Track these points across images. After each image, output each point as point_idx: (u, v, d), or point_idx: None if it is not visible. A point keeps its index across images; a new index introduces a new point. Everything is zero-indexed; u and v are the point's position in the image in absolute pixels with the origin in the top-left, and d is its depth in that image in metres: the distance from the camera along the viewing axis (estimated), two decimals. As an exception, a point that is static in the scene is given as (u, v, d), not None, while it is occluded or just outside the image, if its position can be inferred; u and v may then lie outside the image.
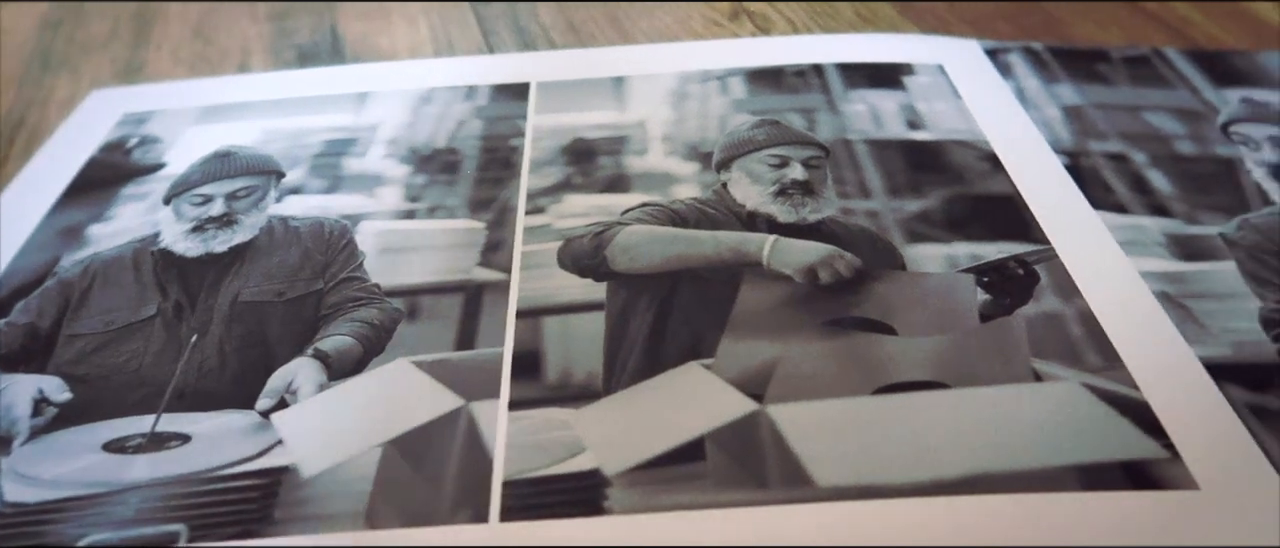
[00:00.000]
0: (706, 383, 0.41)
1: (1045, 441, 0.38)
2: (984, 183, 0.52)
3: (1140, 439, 0.38)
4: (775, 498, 0.36)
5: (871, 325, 0.44)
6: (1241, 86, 0.62)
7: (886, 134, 0.56)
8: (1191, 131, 0.58)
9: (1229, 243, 0.49)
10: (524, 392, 0.41)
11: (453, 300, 0.46)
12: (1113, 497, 0.36)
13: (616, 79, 0.63)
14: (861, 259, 0.47)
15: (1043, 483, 0.36)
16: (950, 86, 0.60)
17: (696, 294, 0.46)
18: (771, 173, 0.52)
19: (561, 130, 0.58)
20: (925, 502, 0.36)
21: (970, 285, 0.45)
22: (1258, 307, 0.45)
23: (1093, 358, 0.42)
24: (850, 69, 0.62)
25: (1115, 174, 0.54)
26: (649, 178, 0.54)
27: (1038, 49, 0.65)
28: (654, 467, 0.38)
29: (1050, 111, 0.59)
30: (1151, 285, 0.46)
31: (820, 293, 0.45)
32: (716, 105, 0.59)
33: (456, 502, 0.37)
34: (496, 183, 0.54)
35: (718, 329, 0.43)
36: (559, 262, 0.48)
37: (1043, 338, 0.43)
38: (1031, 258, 0.47)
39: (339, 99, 0.63)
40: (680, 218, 0.50)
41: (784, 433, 0.38)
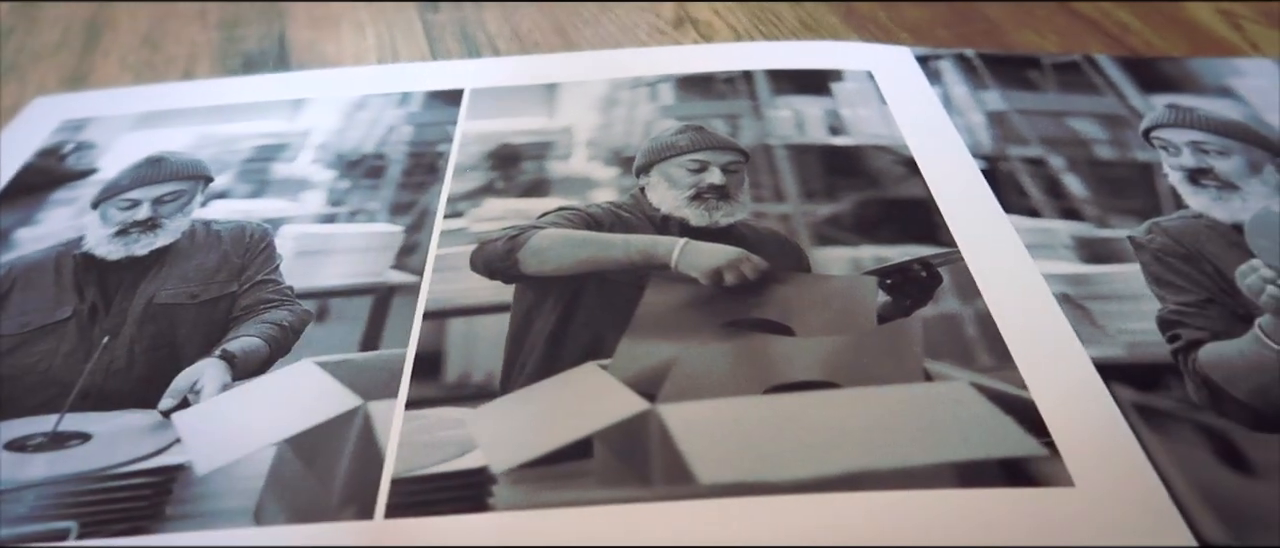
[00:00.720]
0: (601, 383, 0.42)
1: (927, 439, 0.38)
2: (898, 187, 0.53)
3: (1021, 437, 0.39)
4: (656, 495, 0.37)
5: (770, 326, 0.44)
6: (1169, 93, 0.63)
7: (807, 139, 0.57)
8: (1113, 137, 0.58)
9: (1136, 246, 0.50)
10: (422, 391, 0.42)
11: (363, 302, 0.47)
12: (988, 494, 0.37)
13: (549, 86, 0.64)
14: (768, 262, 0.47)
15: (921, 480, 0.37)
16: (877, 93, 0.61)
17: (602, 296, 0.47)
18: (690, 177, 0.53)
19: (489, 136, 0.59)
20: (804, 499, 0.36)
21: (872, 287, 0.46)
22: (1157, 309, 0.46)
23: (985, 358, 0.43)
24: (780, 75, 0.63)
25: (1031, 178, 0.54)
26: (569, 182, 0.55)
27: (969, 56, 0.66)
28: (541, 465, 0.38)
29: (974, 117, 0.60)
30: (1053, 287, 0.47)
31: (724, 295, 0.46)
32: (644, 111, 0.60)
33: (344, 499, 0.38)
34: (419, 187, 0.55)
35: (619, 330, 0.44)
36: (471, 265, 0.49)
37: (938, 339, 0.43)
38: (936, 260, 0.48)
39: (275, 105, 0.64)
40: (595, 221, 0.51)
41: (672, 432, 0.39)
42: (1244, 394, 0.41)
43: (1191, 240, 0.50)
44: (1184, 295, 0.47)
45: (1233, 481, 0.38)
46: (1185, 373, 0.43)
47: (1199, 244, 0.50)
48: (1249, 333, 0.44)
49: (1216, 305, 0.46)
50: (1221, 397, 0.41)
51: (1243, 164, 0.55)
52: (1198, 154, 0.55)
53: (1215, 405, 0.41)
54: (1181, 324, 0.45)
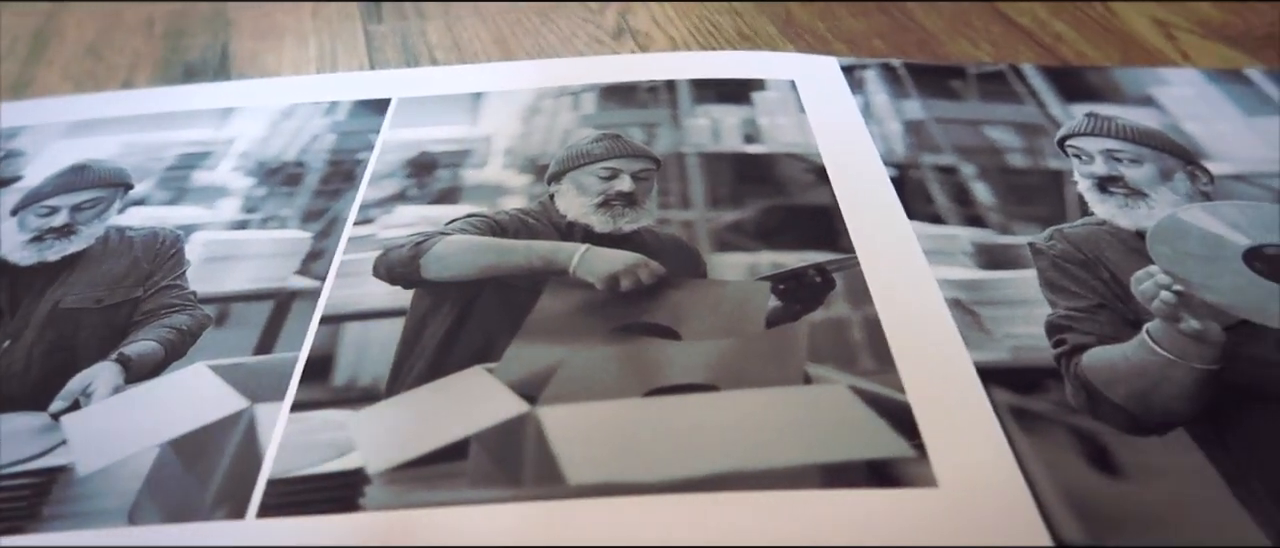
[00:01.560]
0: (485, 386, 0.42)
1: (798, 440, 0.39)
2: (805, 194, 0.54)
3: (892, 439, 0.39)
4: (525, 496, 0.38)
5: (658, 331, 0.45)
6: (1091, 102, 0.64)
7: (721, 147, 0.58)
8: (1027, 145, 0.59)
9: (1036, 252, 0.50)
10: (310, 394, 0.43)
11: (263, 307, 0.48)
12: (850, 494, 0.37)
13: (476, 95, 0.65)
14: (666, 268, 0.48)
15: (786, 481, 0.38)
16: (797, 102, 0.62)
17: (498, 301, 0.47)
18: (600, 184, 0.54)
19: (409, 144, 0.60)
20: (669, 499, 0.37)
21: (764, 292, 0.47)
22: (1047, 313, 0.46)
23: (867, 362, 0.43)
24: (703, 85, 0.64)
25: (940, 186, 0.55)
26: (481, 190, 0.55)
27: (895, 65, 0.67)
28: (417, 466, 0.39)
29: (892, 126, 0.61)
30: (946, 293, 0.47)
31: (618, 300, 0.47)
32: (564, 120, 0.61)
33: (218, 499, 0.38)
34: (334, 195, 0.56)
35: (510, 334, 0.45)
36: (374, 271, 0.50)
37: (824, 343, 0.44)
38: (831, 266, 0.49)
39: (205, 114, 0.65)
40: (500, 228, 0.52)
41: (548, 434, 0.40)
42: (1121, 398, 0.42)
43: (1092, 247, 0.51)
44: (1076, 301, 0.47)
45: (1099, 482, 0.38)
46: (1066, 377, 0.43)
47: (1099, 251, 0.51)
48: (1136, 338, 0.44)
49: (1107, 311, 0.47)
50: (1099, 400, 0.42)
51: (1154, 172, 0.56)
52: (1110, 162, 0.56)
53: (1092, 409, 0.42)
54: (1069, 329, 0.46)
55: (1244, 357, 0.44)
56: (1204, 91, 0.66)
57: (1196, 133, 0.61)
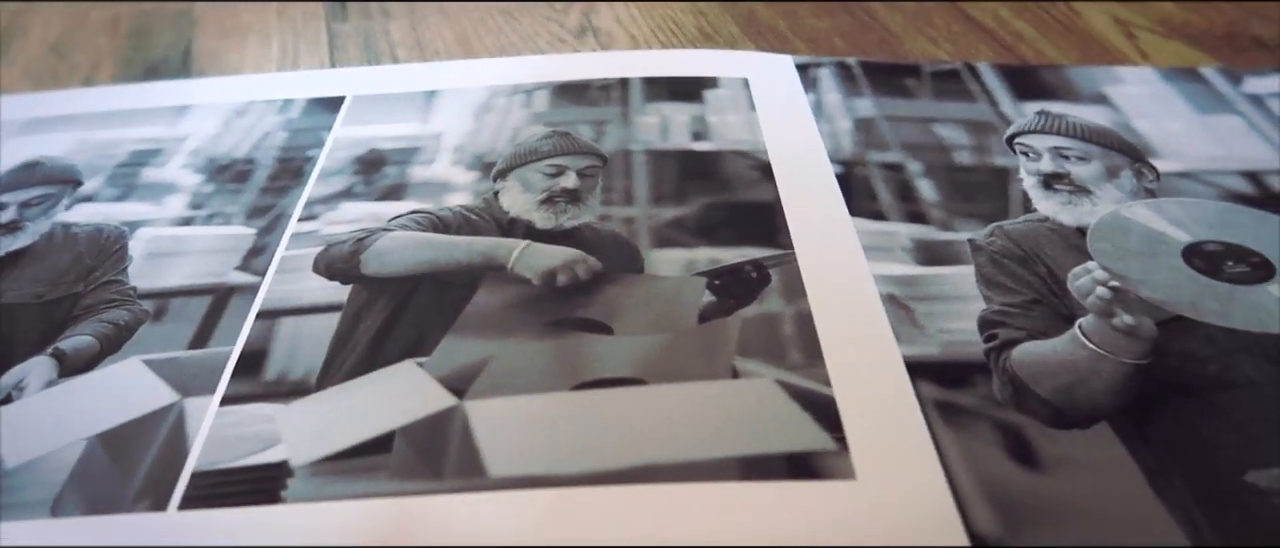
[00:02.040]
0: (414, 380, 0.43)
1: (720, 433, 0.39)
2: (749, 191, 0.54)
3: (814, 432, 0.40)
4: (444, 488, 0.38)
5: (591, 326, 0.45)
6: (1044, 100, 0.64)
7: (669, 145, 0.58)
8: (976, 143, 0.60)
9: (975, 248, 0.51)
10: (240, 388, 0.43)
11: (201, 302, 0.48)
12: (768, 486, 0.38)
13: (430, 93, 0.65)
14: (604, 263, 0.49)
15: (705, 474, 0.38)
16: (748, 100, 0.63)
17: (435, 296, 0.48)
18: (545, 181, 0.55)
19: (360, 141, 0.61)
20: (588, 491, 0.38)
21: (698, 288, 0.47)
22: (981, 309, 0.47)
23: (796, 356, 0.44)
24: (656, 83, 0.65)
25: (885, 183, 0.56)
26: (427, 186, 0.56)
27: (850, 64, 0.68)
28: (341, 458, 0.40)
29: (842, 123, 0.61)
30: (882, 288, 0.48)
31: (554, 295, 0.47)
32: (515, 118, 0.62)
33: (141, 492, 0.39)
34: (281, 191, 0.56)
35: (443, 329, 0.45)
36: (314, 266, 0.50)
37: (755, 337, 0.45)
38: (768, 262, 0.49)
39: (159, 112, 0.66)
40: (443, 224, 0.52)
41: (473, 427, 0.40)
42: (1048, 392, 0.43)
43: (1031, 243, 0.51)
44: (1011, 297, 0.48)
45: (1018, 475, 0.39)
46: (995, 371, 0.44)
47: (1038, 247, 0.51)
48: (1068, 333, 0.45)
49: (1042, 306, 0.47)
50: (1025, 394, 0.43)
51: (1100, 169, 0.56)
52: (1057, 159, 0.57)
53: (1017, 403, 0.42)
54: (1002, 324, 0.46)
55: (1174, 352, 0.45)
56: (1158, 90, 0.66)
57: (1147, 131, 0.61)
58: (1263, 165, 0.58)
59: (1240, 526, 0.37)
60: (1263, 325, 0.46)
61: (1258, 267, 0.50)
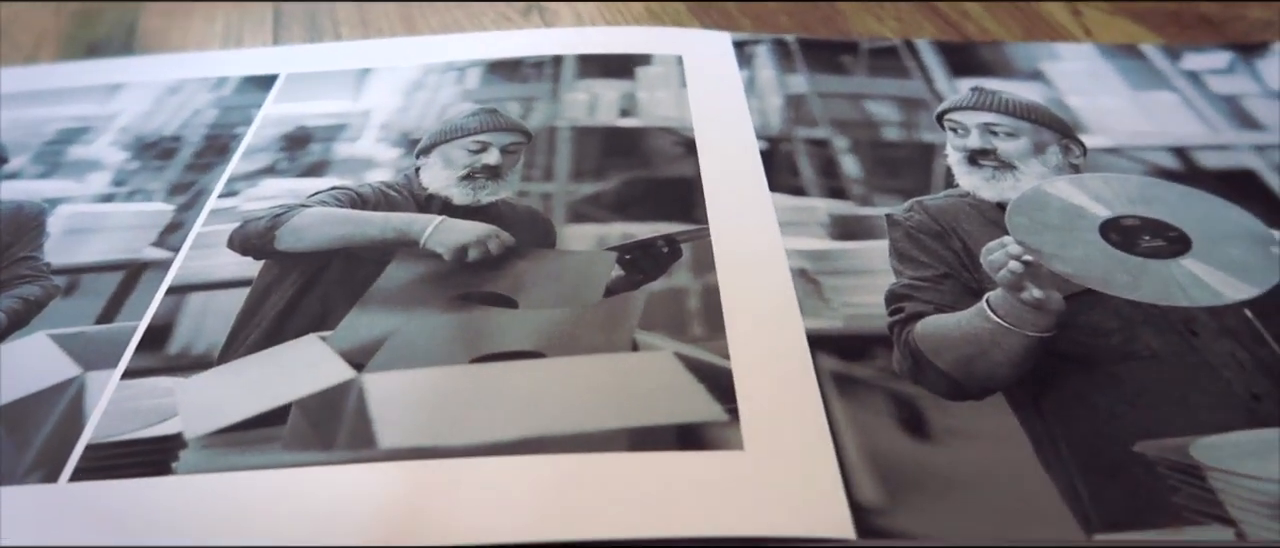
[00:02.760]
0: (315, 353, 0.43)
1: (613, 405, 0.40)
2: (671, 167, 0.55)
3: (707, 404, 0.40)
4: (334, 460, 0.38)
5: (496, 299, 0.46)
6: (980, 76, 0.64)
7: (595, 121, 0.59)
8: (905, 119, 0.60)
9: (892, 223, 0.51)
10: (143, 362, 0.44)
11: (113, 278, 0.49)
12: (655, 457, 0.38)
13: (363, 71, 0.65)
14: (516, 238, 0.49)
15: (594, 445, 0.38)
16: (680, 77, 0.63)
17: (346, 271, 0.48)
18: (468, 157, 0.55)
19: (288, 119, 0.61)
20: (476, 462, 0.38)
21: (608, 262, 0.48)
22: (889, 283, 0.47)
23: (698, 329, 0.44)
24: (589, 60, 0.65)
25: (809, 158, 0.56)
26: (350, 163, 0.56)
27: (788, 41, 0.68)
28: (235, 431, 0.40)
29: (772, 100, 0.61)
30: (793, 263, 0.48)
31: (464, 270, 0.48)
32: (445, 95, 0.62)
33: (34, 464, 0.39)
34: (204, 168, 0.57)
35: (350, 304, 0.46)
36: (229, 242, 0.50)
37: (659, 311, 0.45)
38: (681, 237, 0.49)
39: (92, 90, 0.66)
40: (362, 200, 0.53)
41: (368, 399, 0.41)
42: (947, 364, 0.43)
43: (949, 218, 0.52)
44: (922, 271, 0.48)
45: (907, 446, 0.39)
46: (896, 344, 0.44)
47: (956, 222, 0.51)
48: (975, 307, 0.45)
49: (952, 280, 0.48)
50: (924, 366, 0.43)
51: (1027, 145, 0.56)
52: (986, 135, 0.57)
53: (915, 375, 0.43)
54: (909, 298, 0.46)
55: (1079, 324, 0.45)
56: (1096, 67, 0.66)
57: (1079, 107, 0.62)
58: (1192, 141, 0.59)
59: (1123, 495, 0.37)
60: (1171, 298, 0.46)
61: (1174, 241, 0.50)
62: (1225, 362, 0.44)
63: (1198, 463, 0.39)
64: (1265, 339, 0.45)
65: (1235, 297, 0.47)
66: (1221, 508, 0.37)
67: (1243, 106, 0.62)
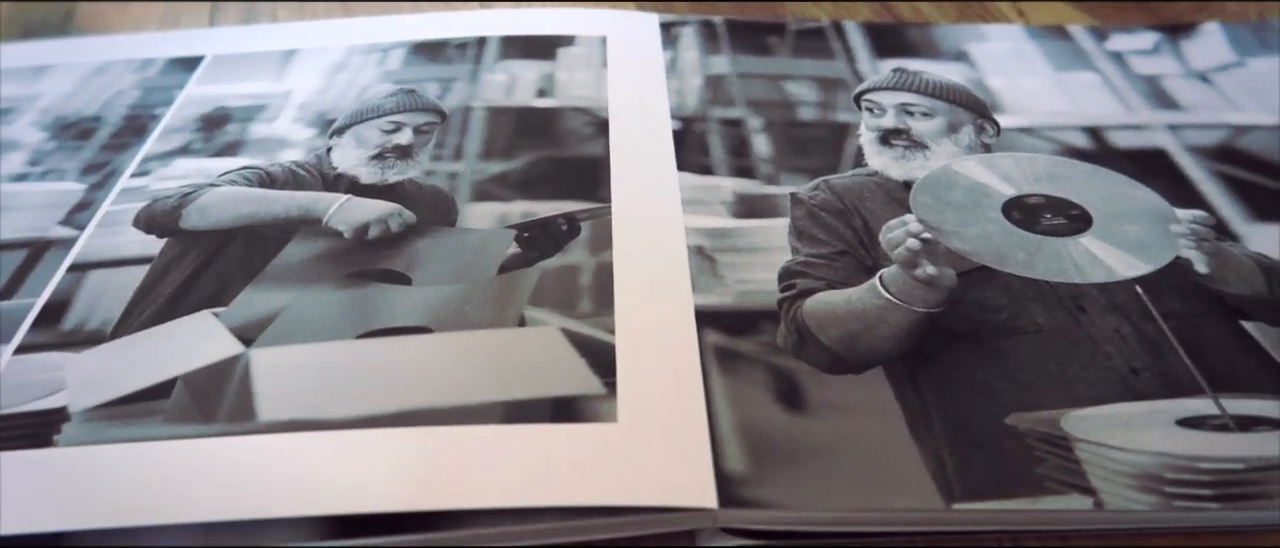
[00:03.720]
0: (206, 329, 0.44)
1: (493, 379, 0.41)
2: (581, 147, 0.55)
3: (586, 378, 0.41)
4: (213, 432, 0.39)
5: (391, 276, 0.47)
6: (903, 57, 0.65)
7: (511, 102, 0.59)
8: (823, 99, 0.61)
9: (795, 201, 0.52)
10: (37, 338, 0.45)
11: (16, 256, 0.49)
12: (527, 429, 0.39)
13: (288, 52, 0.66)
14: (419, 217, 0.50)
15: (471, 417, 0.39)
16: (602, 58, 0.63)
17: (247, 249, 0.49)
18: (380, 137, 0.56)
19: (209, 100, 0.61)
20: (352, 434, 0.39)
21: (505, 240, 0.48)
22: (785, 260, 0.48)
23: (587, 305, 0.45)
24: (512, 41, 0.65)
25: (721, 138, 0.57)
26: (264, 143, 0.57)
27: (715, 22, 0.69)
28: (119, 405, 0.41)
29: (692, 81, 0.62)
30: (692, 240, 0.49)
31: (363, 247, 0.48)
32: (366, 76, 0.62)
33: (-84, 437, 0.40)
34: (120, 148, 0.57)
35: (247, 281, 0.46)
36: (135, 220, 0.51)
37: (552, 287, 0.46)
38: (581, 215, 0.50)
39: (19, 72, 0.66)
40: (270, 179, 0.53)
41: (253, 374, 0.41)
42: (831, 339, 0.44)
43: (853, 197, 0.52)
44: (819, 248, 0.49)
45: (781, 418, 0.40)
46: (784, 319, 0.45)
47: (859, 200, 0.52)
48: (867, 283, 0.46)
49: (848, 258, 0.48)
50: (808, 342, 0.44)
51: (942, 125, 0.57)
52: (901, 115, 0.57)
53: (798, 350, 0.43)
54: (803, 274, 0.47)
55: (968, 300, 0.46)
56: (1021, 47, 0.67)
57: (999, 87, 0.62)
58: (1106, 121, 0.59)
59: (988, 465, 0.38)
60: (1065, 275, 0.47)
61: (1075, 219, 0.51)
62: (1109, 337, 0.44)
63: (1067, 435, 0.39)
64: (1152, 314, 0.45)
65: (1128, 274, 0.47)
66: (1084, 478, 0.38)
67: (1162, 87, 0.62)
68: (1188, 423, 0.40)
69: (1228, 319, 0.46)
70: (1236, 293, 0.47)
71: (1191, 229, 0.49)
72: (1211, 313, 0.46)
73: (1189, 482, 0.38)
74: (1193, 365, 0.43)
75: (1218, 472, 0.38)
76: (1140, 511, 0.37)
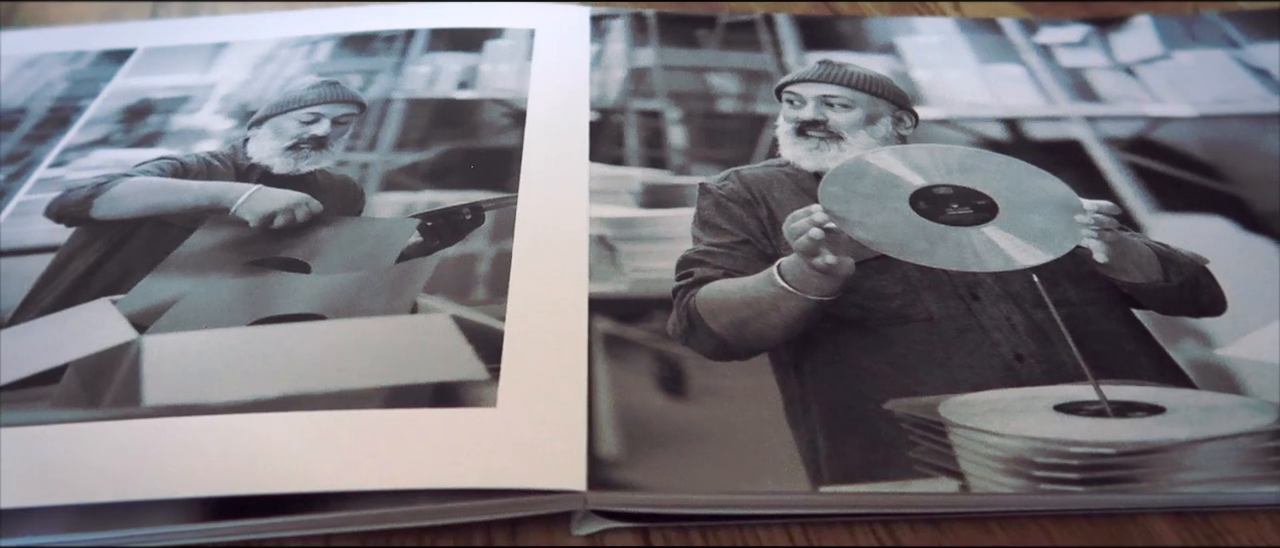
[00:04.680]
0: (102, 316, 0.45)
1: (378, 365, 0.41)
2: (495, 138, 0.56)
3: (471, 363, 0.42)
4: (97, 417, 0.40)
5: (291, 265, 0.47)
6: (832, 50, 0.65)
7: (432, 94, 0.60)
8: (744, 92, 0.61)
9: (704, 191, 0.52)
10: (-66, 326, 0.45)
11: (-74, 246, 0.50)
12: (407, 413, 0.39)
13: (218, 45, 0.67)
14: (326, 206, 0.51)
15: (352, 402, 0.40)
16: (528, 50, 0.64)
17: (153, 237, 0.50)
18: (299, 128, 0.56)
19: (135, 92, 0.62)
20: (233, 418, 0.39)
21: (407, 229, 0.49)
22: (686, 248, 0.49)
23: (481, 293, 0.45)
24: (441, 34, 0.66)
25: (637, 130, 0.57)
26: (183, 135, 0.58)
27: (647, 15, 0.69)
28: (7, 390, 0.41)
29: (616, 73, 0.62)
30: (595, 230, 0.50)
31: (267, 236, 0.49)
32: (292, 68, 0.63)
33: None
34: (41, 139, 0.58)
35: (149, 269, 0.47)
36: (46, 210, 0.52)
37: (447, 276, 0.46)
38: (487, 205, 0.51)
39: (-50, 65, 0.67)
40: (185, 170, 0.54)
41: (143, 359, 0.42)
42: (720, 326, 0.44)
43: (762, 187, 0.53)
44: (721, 237, 0.50)
45: (661, 403, 0.41)
46: (676, 307, 0.45)
47: (768, 190, 0.53)
48: (764, 272, 0.47)
49: (749, 247, 0.49)
50: (697, 329, 0.44)
51: (860, 116, 0.58)
52: (821, 107, 0.58)
53: (686, 337, 0.44)
54: (702, 263, 0.48)
55: (863, 289, 0.46)
56: (950, 40, 0.67)
57: (923, 79, 0.63)
58: (1025, 112, 0.60)
59: (860, 450, 0.39)
60: (964, 264, 0.48)
61: (981, 209, 0.51)
62: (998, 324, 0.45)
63: (943, 420, 0.40)
64: (1045, 303, 0.46)
65: (1026, 262, 0.48)
66: (954, 463, 0.38)
67: (1085, 79, 0.63)
68: (1065, 409, 0.41)
69: (1120, 307, 0.46)
70: (1132, 281, 0.47)
71: (1095, 219, 0.50)
72: (1104, 301, 0.46)
73: (1058, 466, 0.38)
74: (1078, 352, 0.44)
75: (1088, 456, 0.39)
76: (1005, 494, 0.38)
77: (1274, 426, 0.40)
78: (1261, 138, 0.58)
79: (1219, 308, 0.46)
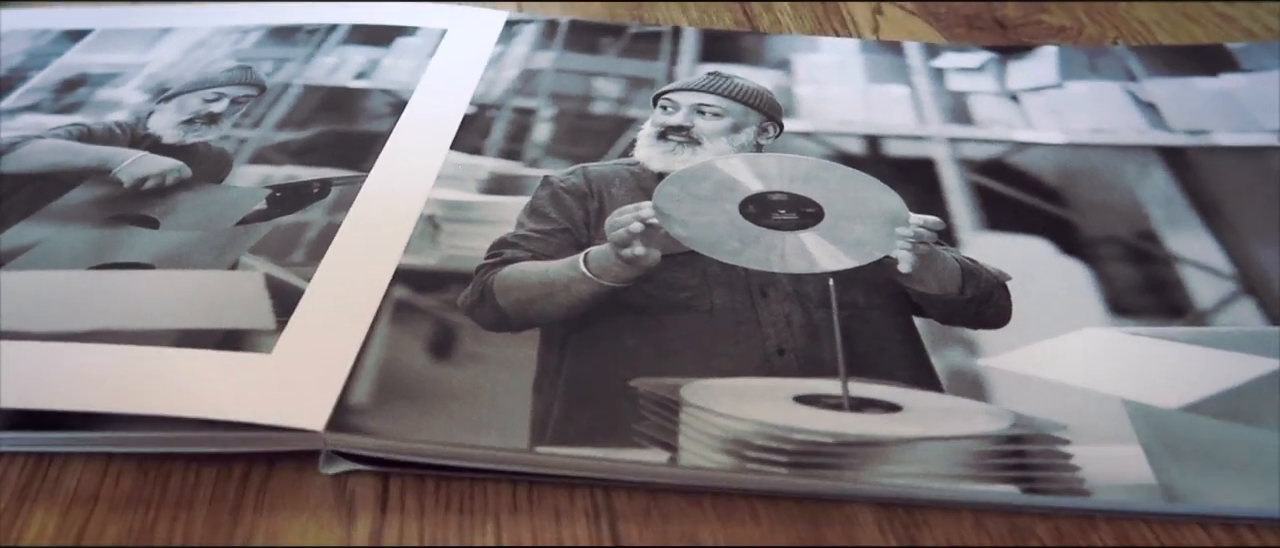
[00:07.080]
0: (-32, 254, 0.51)
1: (181, 310, 0.47)
2: (371, 124, 0.61)
3: (263, 315, 0.46)
4: (-68, 336, 0.46)
5: (143, 221, 0.53)
6: (725, 63, 0.69)
7: (329, 82, 0.66)
8: (623, 96, 0.65)
9: (545, 183, 0.56)
10: None
11: None
12: (188, 353, 0.44)
13: (163, 30, 0.74)
14: (195, 175, 0.56)
15: (146, 339, 0.45)
16: (433, 48, 0.69)
17: (37, 191, 0.56)
18: (200, 105, 0.62)
19: (77, 67, 0.69)
20: (47, 345, 0.45)
21: (255, 197, 0.54)
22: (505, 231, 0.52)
23: (298, 257, 0.50)
24: (359, 29, 0.72)
25: (506, 125, 0.62)
26: (101, 105, 0.64)
27: (560, 22, 0.74)
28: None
29: (508, 73, 0.67)
30: (428, 210, 0.54)
31: (136, 197, 0.55)
32: (219, 53, 0.70)
33: None
34: (-18, 103, 0.66)
35: (22, 219, 0.53)
36: (-42, 170, 0.59)
37: (275, 240, 0.51)
38: (337, 181, 0.55)
39: (-69, 38, 0.76)
40: (91, 134, 0.61)
41: (-7, 291, 0.48)
42: (507, 303, 0.48)
43: (602, 182, 0.56)
44: (543, 224, 0.53)
45: (423, 364, 0.45)
46: (474, 281, 0.49)
47: (607, 186, 0.56)
48: (570, 259, 0.50)
49: (566, 236, 0.53)
50: (485, 303, 0.48)
51: (726, 125, 0.61)
52: (692, 114, 0.61)
53: (472, 309, 0.48)
54: (514, 246, 0.52)
55: (656, 280, 0.49)
56: (848, 60, 0.70)
57: (803, 95, 0.66)
58: (891, 131, 0.62)
59: (590, 420, 0.42)
60: (767, 264, 0.51)
61: (807, 216, 0.54)
62: (775, 320, 0.48)
63: (679, 399, 0.43)
64: (829, 304, 0.48)
65: (829, 267, 0.50)
66: (673, 437, 0.41)
67: (965, 103, 0.65)
68: (805, 400, 0.43)
69: (903, 314, 0.48)
70: (926, 291, 0.49)
71: (915, 232, 0.52)
72: (891, 307, 0.49)
73: (773, 449, 0.41)
74: (841, 351, 0.46)
75: (804, 443, 0.41)
76: (710, 469, 0.40)
77: (1006, 431, 0.42)
78: (1121, 168, 0.59)
79: (1001, 322, 0.48)
